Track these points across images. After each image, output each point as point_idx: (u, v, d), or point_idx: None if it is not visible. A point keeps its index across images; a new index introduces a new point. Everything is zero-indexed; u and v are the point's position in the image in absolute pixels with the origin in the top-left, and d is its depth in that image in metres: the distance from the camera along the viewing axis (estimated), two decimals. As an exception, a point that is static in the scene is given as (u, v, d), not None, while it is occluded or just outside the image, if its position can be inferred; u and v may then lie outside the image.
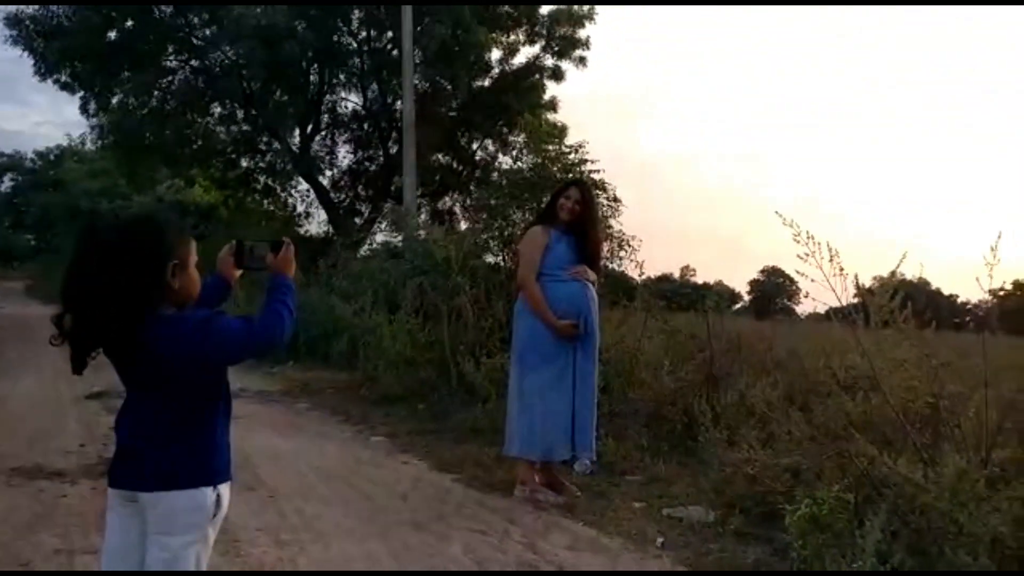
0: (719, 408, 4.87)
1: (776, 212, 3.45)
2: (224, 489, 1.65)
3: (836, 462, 3.46)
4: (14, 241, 38.26)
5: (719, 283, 46.56)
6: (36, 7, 13.58)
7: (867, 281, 4.05)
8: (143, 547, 1.61)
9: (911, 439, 3.42)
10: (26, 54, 13.72)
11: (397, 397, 6.36)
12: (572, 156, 7.46)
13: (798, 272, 3.66)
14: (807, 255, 3.32)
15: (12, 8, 13.76)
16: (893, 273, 3.67)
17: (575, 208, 3.90)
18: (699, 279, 48.46)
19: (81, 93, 14.58)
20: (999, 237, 3.13)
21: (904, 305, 3.52)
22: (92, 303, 1.51)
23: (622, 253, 7.92)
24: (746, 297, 46.55)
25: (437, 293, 6.53)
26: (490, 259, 7.19)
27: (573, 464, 4.37)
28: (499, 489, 3.97)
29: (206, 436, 1.63)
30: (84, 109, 14.93)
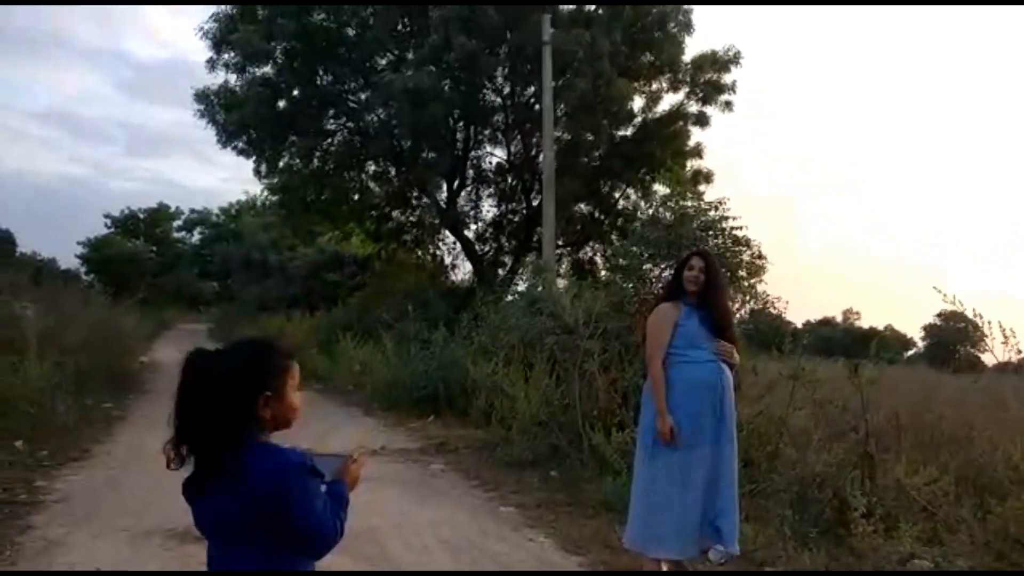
0: (875, 494, 4.44)
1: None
2: None
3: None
4: (200, 288, 42.47)
5: (889, 328, 43.31)
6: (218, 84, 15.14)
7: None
8: None
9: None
10: (210, 125, 15.33)
11: (529, 462, 6.31)
12: (712, 213, 7.23)
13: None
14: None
15: (200, 83, 15.47)
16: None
17: (699, 278, 3.69)
18: (865, 323, 45.41)
19: (255, 157, 16.00)
20: None
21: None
22: (191, 428, 1.58)
23: (767, 310, 7.55)
24: (920, 343, 42.86)
25: (568, 356, 6.45)
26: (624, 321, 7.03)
27: (708, 553, 4.12)
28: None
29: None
30: (257, 171, 16.36)
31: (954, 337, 40.06)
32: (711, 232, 7.12)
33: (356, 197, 16.97)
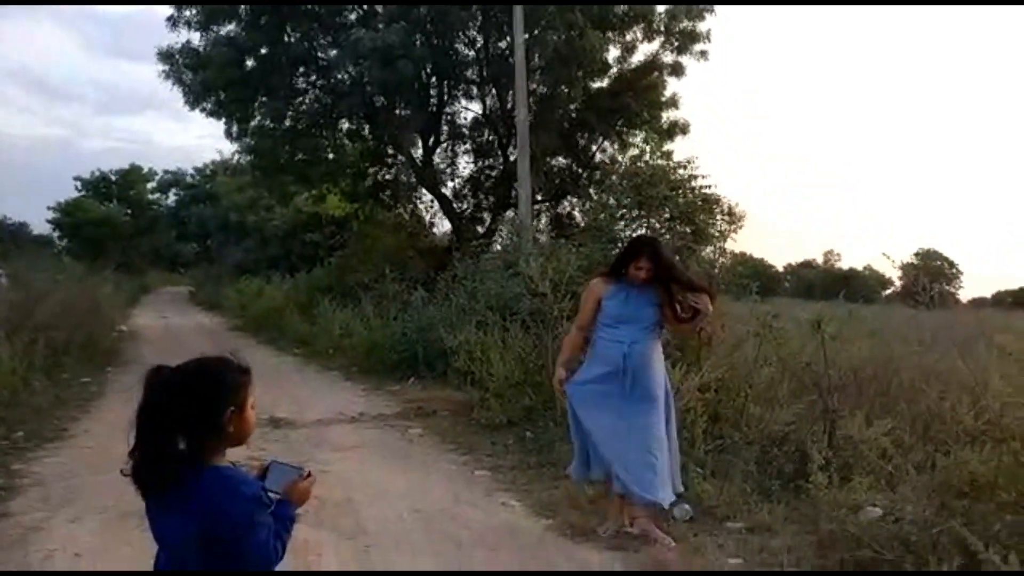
0: (833, 447, 4.59)
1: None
2: None
3: (951, 536, 3.17)
4: (179, 250, 42.08)
5: (868, 268, 43.79)
6: (182, 42, 14.76)
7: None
8: None
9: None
10: (176, 86, 15.00)
11: (504, 424, 6.43)
12: (681, 172, 7.26)
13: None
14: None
15: (164, 42, 15.09)
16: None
17: (647, 277, 3.87)
18: (845, 264, 45.83)
19: (224, 119, 15.71)
20: None
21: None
22: (153, 444, 1.62)
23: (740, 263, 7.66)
24: (898, 283, 43.43)
25: (540, 319, 6.53)
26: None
27: (672, 510, 4.28)
28: (592, 539, 3.95)
29: None
30: (228, 133, 16.08)
31: (929, 275, 40.64)
32: (679, 192, 7.16)
33: (331, 156, 16.72)
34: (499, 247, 12.35)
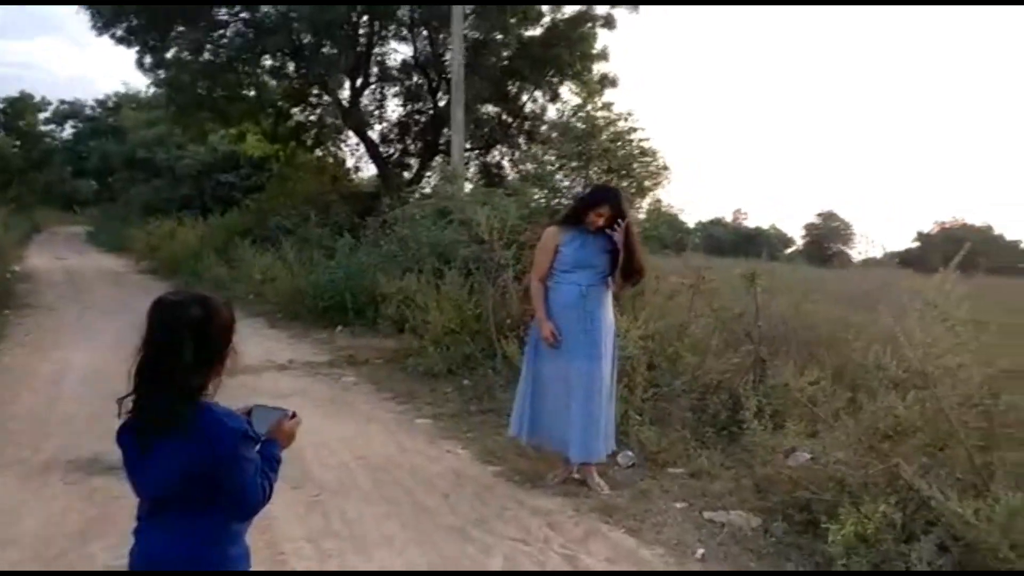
0: (765, 395, 4.77)
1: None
2: None
3: (884, 475, 3.36)
4: (76, 187, 39.38)
5: (772, 227, 45.58)
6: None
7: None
8: None
9: (965, 448, 3.30)
10: (83, 8, 13.88)
11: (443, 372, 6.40)
12: (621, 124, 7.27)
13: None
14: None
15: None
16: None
17: (605, 226, 3.90)
18: (752, 223, 47.50)
19: (137, 48, 14.70)
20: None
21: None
22: (166, 379, 1.53)
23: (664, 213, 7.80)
24: (800, 242, 45.43)
25: (481, 266, 6.48)
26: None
27: (616, 456, 4.39)
28: (539, 484, 4.00)
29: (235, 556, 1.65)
30: (140, 64, 15.07)
31: (829, 235, 42.80)
32: (619, 143, 7.18)
33: (252, 94, 15.95)
34: (428, 191, 12.15)
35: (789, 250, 40.80)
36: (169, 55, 14.65)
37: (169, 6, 13.68)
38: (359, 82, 15.78)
